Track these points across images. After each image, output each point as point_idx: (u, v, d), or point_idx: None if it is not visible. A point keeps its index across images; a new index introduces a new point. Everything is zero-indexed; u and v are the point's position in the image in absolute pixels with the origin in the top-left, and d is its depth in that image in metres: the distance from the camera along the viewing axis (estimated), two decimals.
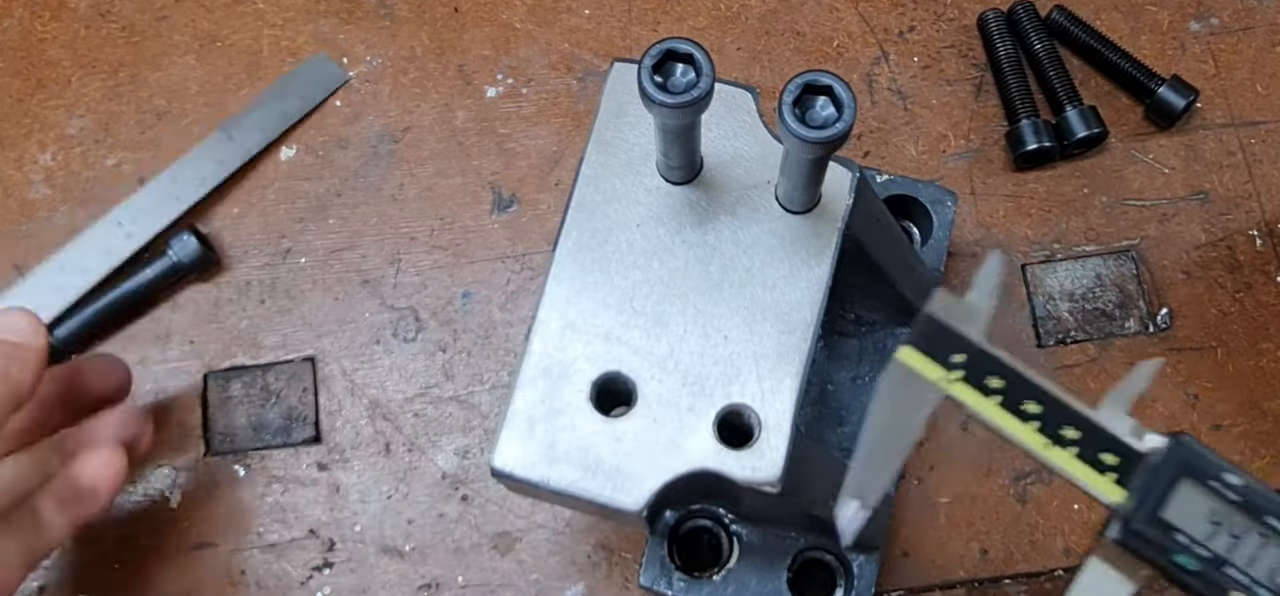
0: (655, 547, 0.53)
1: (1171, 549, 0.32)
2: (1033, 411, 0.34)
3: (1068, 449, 0.34)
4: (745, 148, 0.43)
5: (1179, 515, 0.32)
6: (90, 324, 0.62)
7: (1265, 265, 0.64)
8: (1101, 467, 0.34)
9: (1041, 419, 0.34)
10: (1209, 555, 0.32)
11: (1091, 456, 0.34)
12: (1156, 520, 0.32)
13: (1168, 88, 0.65)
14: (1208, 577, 0.32)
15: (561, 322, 0.41)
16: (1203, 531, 0.32)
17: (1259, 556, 0.32)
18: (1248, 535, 0.32)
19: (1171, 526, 0.32)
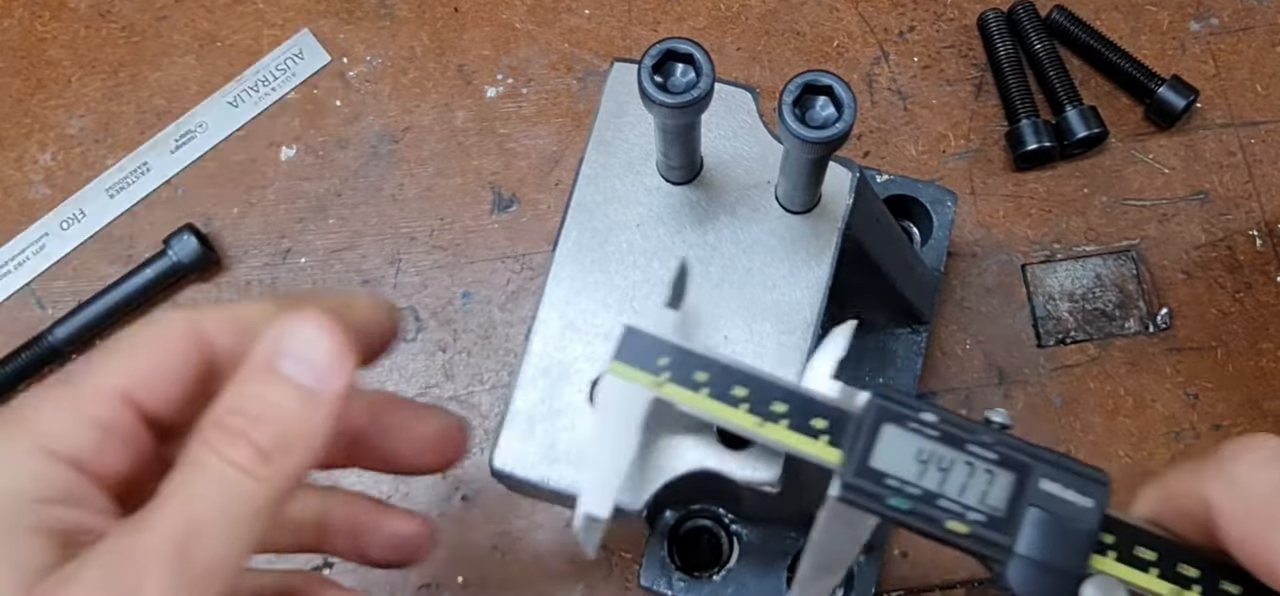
0: (655, 547, 0.53)
1: (884, 493, 0.34)
2: (741, 394, 0.35)
3: (780, 423, 0.35)
4: (745, 148, 0.43)
5: (887, 460, 0.34)
6: (91, 323, 0.62)
7: (1265, 265, 0.64)
8: (814, 433, 0.35)
9: (750, 400, 0.35)
10: (919, 492, 0.34)
11: (803, 424, 0.35)
12: (867, 470, 0.34)
13: (1168, 88, 0.65)
14: (921, 513, 0.33)
15: (561, 322, 0.41)
16: (912, 471, 0.34)
17: (968, 483, 0.34)
18: (954, 466, 0.34)
19: (882, 473, 0.34)
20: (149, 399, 0.32)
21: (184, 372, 0.32)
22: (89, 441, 0.30)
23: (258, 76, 0.69)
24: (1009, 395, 0.62)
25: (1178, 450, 0.61)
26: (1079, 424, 0.61)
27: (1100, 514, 0.33)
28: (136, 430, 0.32)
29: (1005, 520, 0.33)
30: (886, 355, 0.60)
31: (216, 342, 0.33)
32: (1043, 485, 0.34)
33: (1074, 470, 0.34)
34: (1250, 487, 0.30)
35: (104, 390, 0.31)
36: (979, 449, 0.34)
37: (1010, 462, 0.34)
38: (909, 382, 0.59)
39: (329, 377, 0.32)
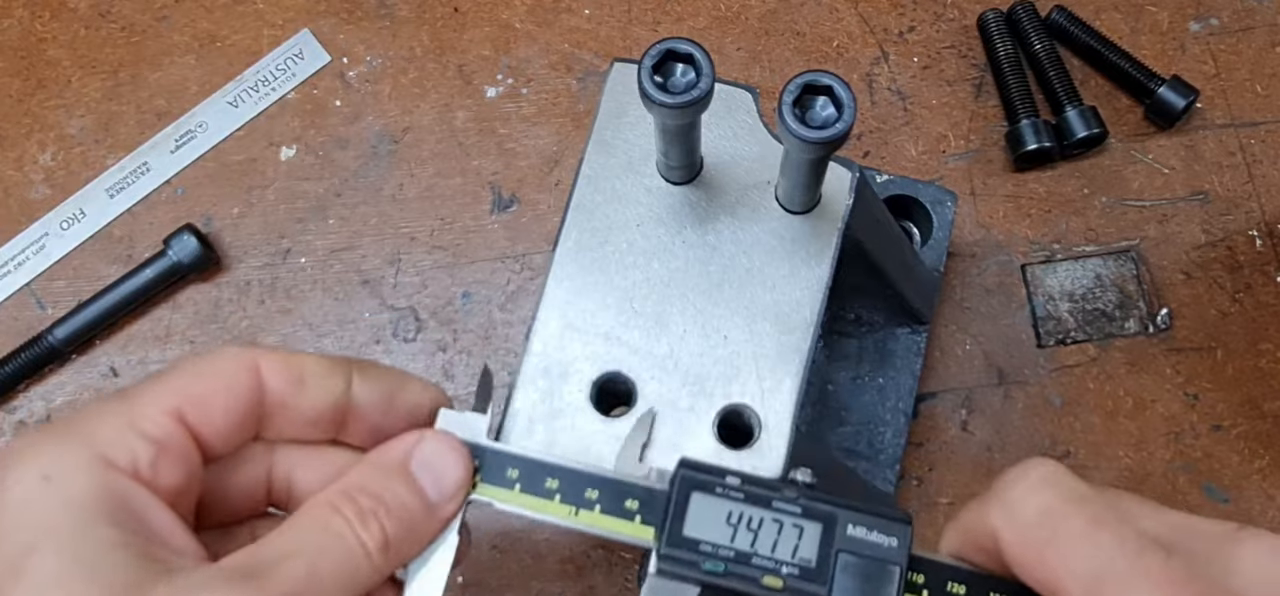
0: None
1: (699, 560, 0.34)
2: (552, 486, 0.36)
3: (593, 509, 0.36)
4: (745, 148, 0.43)
5: (699, 527, 0.35)
6: (91, 323, 0.62)
7: (1265, 265, 0.64)
8: (628, 514, 0.36)
9: (562, 491, 0.36)
10: (733, 553, 0.35)
11: (616, 507, 0.36)
12: (682, 539, 0.35)
13: (1168, 88, 0.65)
14: (736, 573, 0.34)
15: (561, 322, 0.41)
16: (724, 534, 0.35)
17: (778, 539, 0.35)
18: (764, 524, 0.35)
19: (694, 540, 0.35)
20: (200, 422, 0.33)
21: (235, 405, 0.33)
22: (144, 455, 0.31)
23: (258, 76, 0.69)
24: (1009, 395, 0.62)
25: (1178, 450, 0.61)
26: (1079, 424, 0.61)
27: (906, 550, 0.34)
28: (189, 449, 0.33)
29: (816, 571, 0.34)
30: (886, 355, 0.60)
31: (269, 383, 0.34)
32: (849, 531, 0.35)
33: (876, 514, 0.35)
34: (1023, 512, 0.32)
35: (158, 407, 0.32)
36: (784, 504, 0.35)
37: (814, 514, 0.35)
38: (909, 382, 0.59)
39: (450, 498, 0.35)
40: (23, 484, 0.30)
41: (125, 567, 0.29)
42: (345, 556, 0.32)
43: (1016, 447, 0.61)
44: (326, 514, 0.33)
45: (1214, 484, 0.60)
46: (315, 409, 0.35)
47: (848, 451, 0.58)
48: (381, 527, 0.33)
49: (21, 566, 0.28)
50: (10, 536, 0.29)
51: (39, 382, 0.63)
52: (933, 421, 0.61)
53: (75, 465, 0.30)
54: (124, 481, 0.31)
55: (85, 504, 0.30)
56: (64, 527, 0.29)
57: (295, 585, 0.31)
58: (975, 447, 0.61)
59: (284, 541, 0.32)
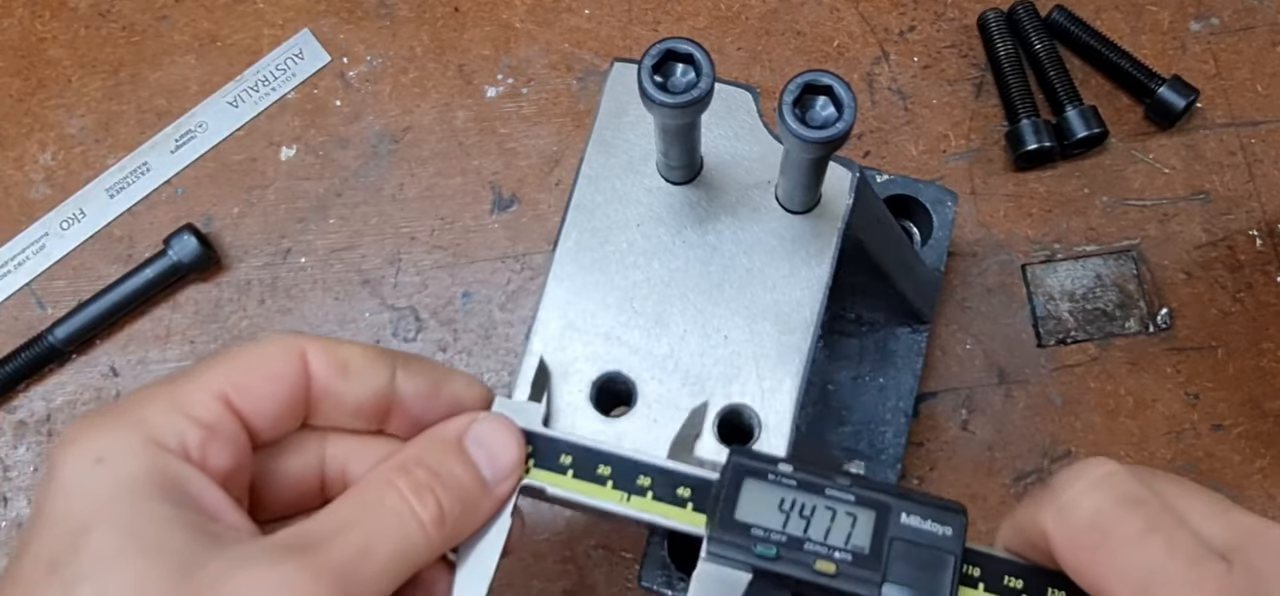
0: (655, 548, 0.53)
1: (750, 544, 0.34)
2: (605, 472, 0.36)
3: (645, 496, 0.36)
4: (745, 148, 0.43)
5: (751, 512, 0.35)
6: (91, 323, 0.62)
7: (1265, 265, 0.64)
8: (680, 501, 0.36)
9: (614, 478, 0.36)
10: (785, 538, 0.34)
11: (668, 494, 0.36)
12: (733, 523, 0.35)
13: (1168, 88, 0.65)
14: (789, 558, 0.34)
15: (561, 322, 0.41)
16: (776, 520, 0.35)
17: (831, 526, 0.34)
18: (816, 511, 0.35)
19: (746, 525, 0.35)
20: (246, 406, 0.33)
21: (281, 391, 0.34)
22: (193, 437, 0.31)
23: (258, 76, 0.69)
24: (1010, 395, 0.62)
25: (1178, 450, 0.61)
26: (1079, 424, 0.61)
27: (961, 540, 0.34)
28: (237, 432, 0.33)
29: (870, 556, 0.34)
30: (886, 355, 0.60)
31: (315, 371, 0.34)
32: (903, 519, 0.34)
33: (932, 503, 0.35)
34: (1075, 514, 0.31)
35: (206, 392, 0.32)
36: (837, 492, 0.35)
37: (869, 502, 0.35)
38: (909, 382, 0.59)
39: (505, 478, 0.36)
40: (76, 466, 0.30)
41: (179, 541, 0.29)
42: (400, 530, 0.32)
43: (1017, 447, 0.61)
44: (380, 488, 0.33)
45: (1214, 483, 0.60)
46: (359, 398, 0.35)
47: (848, 451, 0.58)
48: (437, 501, 0.33)
49: (78, 544, 0.29)
50: (66, 517, 0.30)
51: (39, 382, 0.63)
52: (933, 421, 0.61)
53: (127, 447, 0.30)
54: (175, 462, 0.31)
55: (138, 482, 0.30)
56: (118, 505, 0.29)
57: (348, 558, 0.30)
58: (976, 447, 0.61)
59: (337, 514, 0.32)
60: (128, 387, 0.63)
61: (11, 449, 0.62)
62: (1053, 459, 0.61)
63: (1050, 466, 0.60)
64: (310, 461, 0.36)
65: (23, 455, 0.62)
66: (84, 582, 0.28)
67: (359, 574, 0.31)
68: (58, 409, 0.63)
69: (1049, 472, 0.60)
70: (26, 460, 0.62)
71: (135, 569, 0.28)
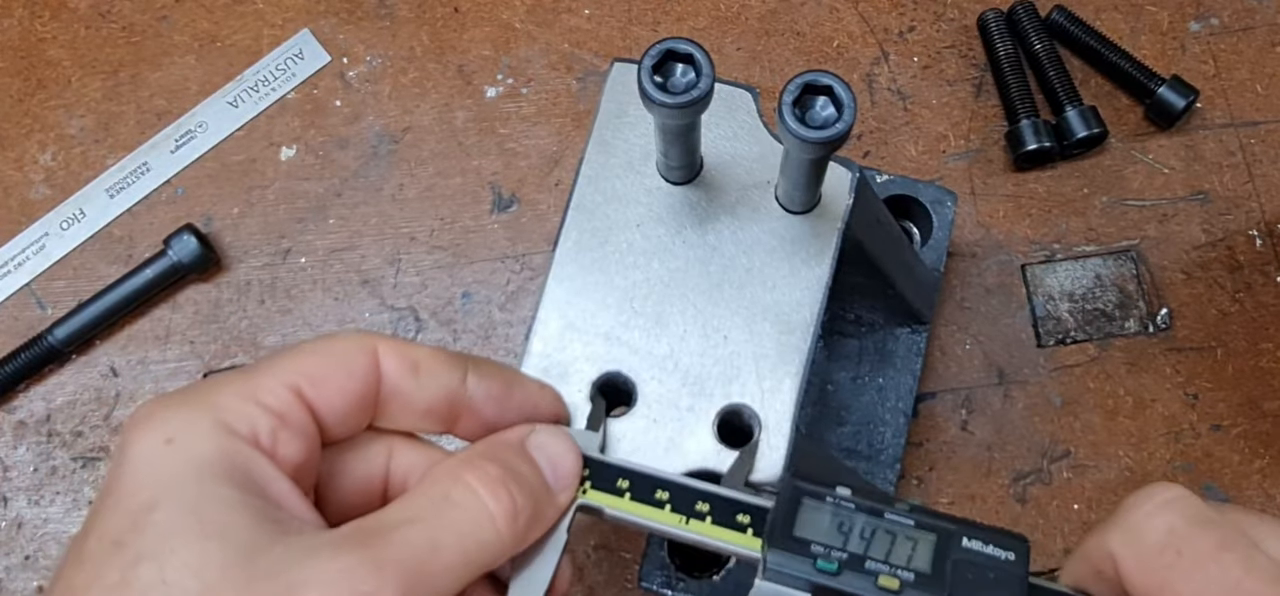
0: (655, 547, 0.53)
1: (811, 559, 0.34)
2: (662, 497, 0.36)
3: (704, 520, 0.36)
4: (745, 148, 0.43)
5: (809, 529, 0.34)
6: (91, 323, 0.62)
7: (1265, 265, 0.64)
8: (740, 527, 0.36)
9: (672, 501, 0.36)
10: (846, 555, 0.34)
11: (728, 520, 0.36)
12: (792, 539, 0.34)
13: (1168, 88, 0.65)
14: (851, 574, 0.34)
15: (561, 322, 0.41)
16: (835, 539, 0.34)
17: (892, 548, 0.34)
18: (876, 533, 0.34)
19: (806, 540, 0.34)
20: (318, 400, 0.33)
21: (352, 386, 0.33)
22: (264, 425, 0.31)
23: (258, 76, 0.69)
24: (1009, 395, 0.62)
25: (1178, 450, 0.61)
26: (1079, 424, 0.61)
27: (1025, 564, 0.33)
28: (307, 424, 0.33)
29: (933, 577, 0.33)
30: (886, 355, 0.60)
31: (386, 369, 0.34)
32: (965, 543, 0.34)
33: (992, 530, 0.34)
34: (1146, 535, 0.31)
35: (279, 381, 0.32)
36: (895, 516, 0.35)
37: (928, 526, 0.34)
38: (909, 382, 0.59)
39: (564, 487, 0.35)
40: (146, 445, 0.30)
41: (243, 526, 0.29)
42: (471, 526, 0.31)
43: (1016, 447, 0.61)
44: (449, 483, 0.32)
45: (1214, 484, 0.60)
46: (429, 398, 0.35)
47: (848, 451, 0.58)
48: (511, 497, 0.32)
49: (143, 521, 0.29)
50: (133, 494, 0.30)
51: (39, 382, 0.63)
52: (933, 421, 0.61)
53: (197, 430, 0.30)
54: (244, 448, 0.31)
55: (206, 465, 0.30)
56: (185, 486, 0.29)
57: (416, 552, 0.30)
58: (975, 447, 0.61)
59: (406, 508, 0.31)
60: (127, 388, 0.63)
61: (11, 449, 0.62)
62: (1052, 459, 0.61)
63: (1049, 466, 0.60)
64: (376, 468, 0.36)
65: (23, 455, 0.62)
66: (145, 561, 0.28)
67: (426, 569, 0.30)
68: (58, 409, 0.63)
69: (1048, 473, 0.60)
70: (26, 460, 0.62)
71: (197, 550, 0.28)
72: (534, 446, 0.35)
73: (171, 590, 0.27)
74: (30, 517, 0.61)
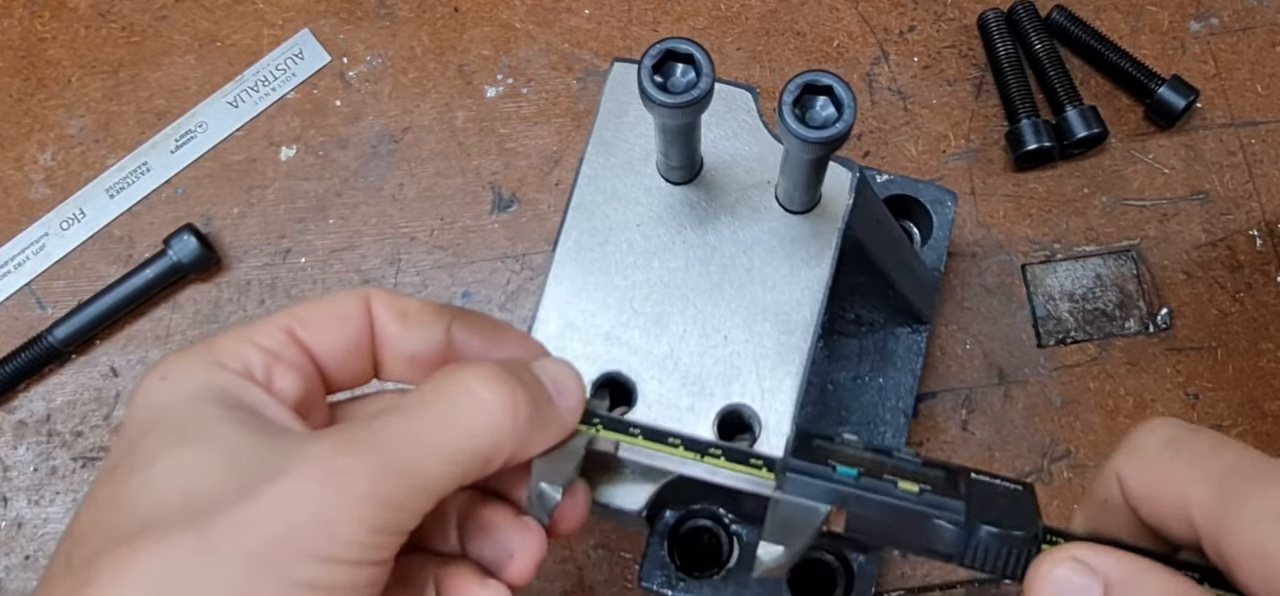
0: (655, 547, 0.53)
1: (831, 466, 0.34)
2: (674, 442, 0.37)
3: (718, 457, 0.36)
4: (745, 148, 0.43)
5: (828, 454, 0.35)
6: (91, 323, 0.62)
7: (1265, 265, 0.64)
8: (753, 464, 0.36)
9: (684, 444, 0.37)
10: (866, 462, 0.34)
11: (739, 460, 0.36)
12: (812, 449, 0.35)
13: (1168, 88, 0.65)
14: (870, 478, 0.33)
15: (561, 322, 0.41)
16: (850, 461, 0.35)
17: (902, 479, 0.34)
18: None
19: (825, 451, 0.35)
20: (311, 340, 0.34)
21: (346, 331, 0.35)
22: (258, 361, 0.33)
23: (258, 76, 0.69)
24: (1009, 395, 0.62)
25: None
26: (1079, 424, 0.61)
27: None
28: (303, 360, 0.34)
29: (950, 486, 0.34)
30: (886, 355, 0.60)
31: (378, 317, 0.35)
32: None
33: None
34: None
35: (272, 325, 0.34)
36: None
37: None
38: (909, 382, 0.59)
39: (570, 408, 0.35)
40: (145, 384, 0.32)
41: (227, 433, 0.30)
42: (461, 413, 0.31)
43: (1016, 447, 0.61)
44: (441, 380, 0.32)
45: None
46: (415, 347, 0.35)
47: None
48: (510, 390, 0.32)
49: (136, 443, 0.30)
50: (129, 427, 0.31)
51: (39, 382, 0.63)
52: (933, 421, 0.61)
53: (191, 366, 0.32)
54: (235, 379, 0.32)
55: (196, 391, 0.31)
56: (175, 409, 0.31)
57: (396, 437, 0.30)
58: (975, 447, 0.61)
59: (400, 404, 0.32)
60: (127, 388, 0.63)
61: (11, 449, 0.62)
62: (1052, 459, 0.61)
63: (1049, 466, 0.60)
64: None
65: (23, 455, 0.62)
66: (136, 474, 0.29)
67: (410, 455, 0.30)
68: (58, 409, 0.63)
69: (1049, 473, 0.60)
70: (26, 460, 0.62)
71: (180, 457, 0.29)
72: (538, 367, 0.35)
73: (156, 491, 0.29)
74: (30, 517, 0.61)
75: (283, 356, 0.33)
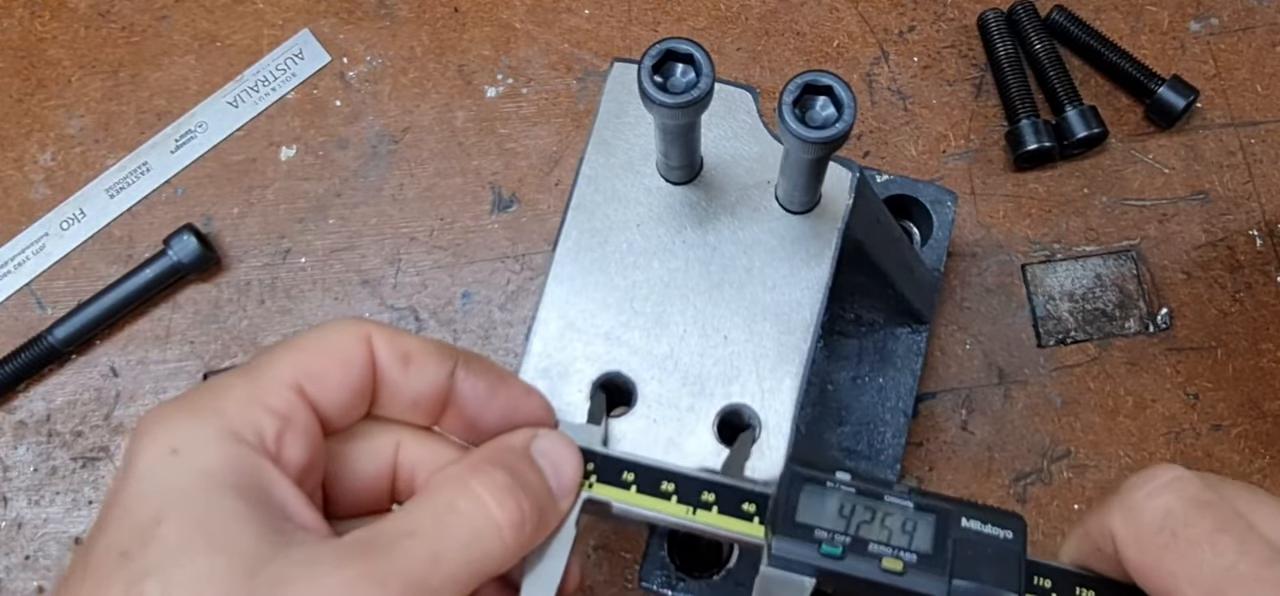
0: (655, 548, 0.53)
1: (816, 543, 0.34)
2: (668, 488, 0.36)
3: (711, 510, 0.36)
4: (745, 148, 0.43)
5: (812, 515, 0.35)
6: (91, 323, 0.62)
7: (1265, 265, 0.64)
8: (746, 515, 0.36)
9: (678, 492, 0.36)
10: (849, 538, 0.34)
11: (733, 508, 0.36)
12: (795, 525, 0.35)
13: (1168, 88, 0.65)
14: (855, 557, 0.34)
15: (561, 322, 0.41)
16: (838, 523, 0.35)
17: (891, 527, 0.35)
18: (876, 515, 0.35)
19: (809, 526, 0.35)
20: (319, 396, 0.33)
21: (351, 378, 0.34)
22: (270, 429, 0.31)
23: (258, 76, 0.69)
24: (1009, 395, 0.62)
25: (1178, 450, 0.61)
26: (1079, 424, 0.61)
27: (1023, 541, 0.34)
28: (310, 423, 0.33)
29: (935, 556, 0.34)
30: (886, 355, 0.60)
31: (381, 359, 0.34)
32: (964, 523, 0.34)
33: (990, 510, 0.35)
34: (1145, 515, 0.31)
35: (281, 382, 0.32)
36: (895, 498, 0.35)
37: (928, 508, 0.35)
38: (909, 382, 0.59)
39: (567, 493, 0.35)
40: (152, 456, 0.30)
41: (248, 538, 0.29)
42: (475, 536, 0.31)
43: (1016, 447, 0.61)
44: (454, 491, 0.32)
45: None
46: (417, 390, 0.35)
47: (848, 451, 0.58)
48: (518, 505, 0.32)
49: (149, 534, 0.29)
50: (140, 506, 0.30)
51: (39, 382, 0.63)
52: (933, 421, 0.61)
53: (204, 438, 0.30)
54: (251, 455, 0.31)
55: (211, 476, 0.30)
56: (191, 499, 0.29)
57: (419, 563, 0.30)
58: (975, 447, 0.61)
59: (409, 518, 0.31)
60: (127, 388, 0.63)
61: (11, 449, 0.62)
62: (1052, 459, 0.61)
63: (1049, 466, 0.60)
64: (383, 460, 0.36)
65: (23, 455, 0.62)
66: (151, 576, 0.28)
67: (429, 581, 0.30)
68: (58, 409, 0.63)
69: (1048, 473, 0.60)
70: (26, 460, 0.62)
71: (202, 564, 0.28)
72: (538, 452, 0.35)
73: None
74: (30, 517, 0.61)
75: (293, 421, 0.32)
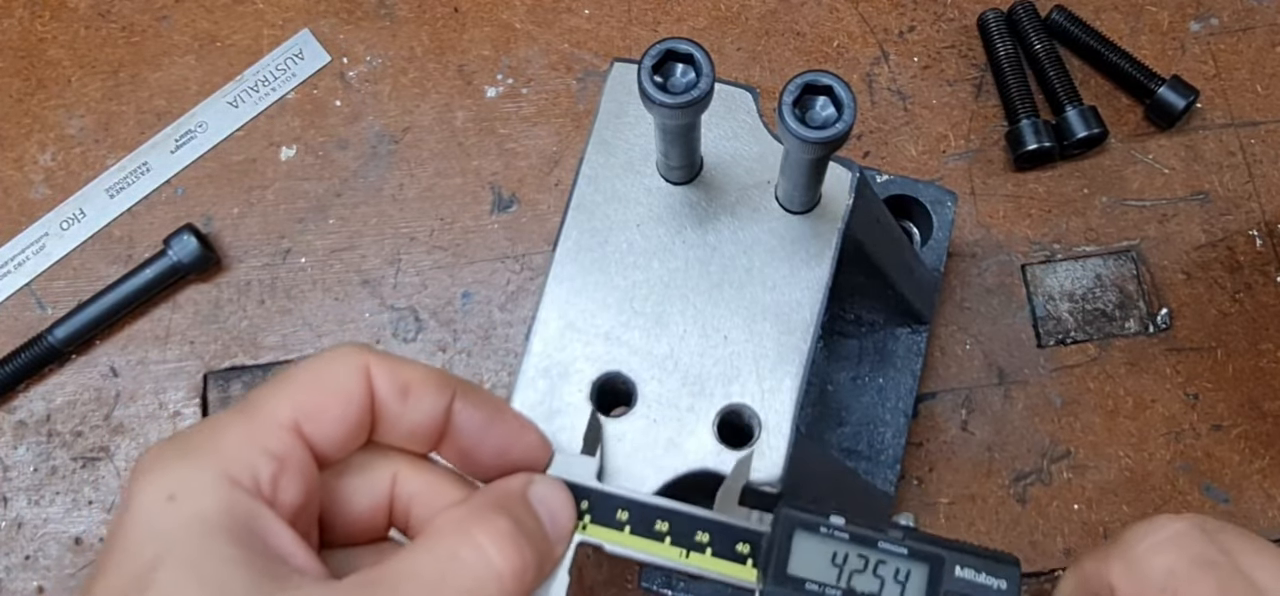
0: None
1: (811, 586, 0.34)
2: (662, 528, 0.36)
3: (704, 552, 0.36)
4: (745, 148, 0.43)
5: (804, 566, 0.35)
6: (91, 323, 0.62)
7: (1265, 265, 0.64)
8: (740, 558, 0.36)
9: (672, 533, 0.36)
10: (840, 592, 0.34)
11: (727, 550, 0.36)
12: (786, 578, 0.35)
13: (1168, 88, 0.65)
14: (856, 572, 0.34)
15: (561, 322, 0.41)
16: (829, 574, 0.35)
17: (883, 576, 0.34)
18: (871, 565, 0.35)
19: (800, 579, 0.35)
20: (315, 433, 0.33)
21: (349, 412, 0.33)
22: (266, 471, 0.31)
23: (258, 76, 0.69)
24: (1009, 395, 0.62)
25: (1178, 450, 0.61)
26: (1079, 424, 0.61)
27: (1016, 589, 0.34)
28: (307, 462, 0.32)
29: None
30: (886, 355, 0.60)
31: (379, 391, 0.34)
32: (957, 572, 0.34)
33: (984, 555, 0.35)
34: (1146, 572, 0.31)
35: (278, 421, 0.32)
36: (890, 545, 0.35)
37: (921, 555, 0.35)
38: (909, 383, 0.59)
39: (561, 539, 0.35)
40: (149, 500, 0.30)
41: (244, 584, 0.29)
42: (476, 585, 0.31)
43: (1016, 448, 0.61)
44: (455, 538, 0.32)
45: (1214, 483, 0.60)
46: (415, 422, 0.34)
47: (848, 451, 0.58)
48: (520, 554, 0.32)
49: (146, 581, 0.29)
50: (136, 552, 0.29)
51: (39, 382, 0.63)
52: (933, 421, 0.61)
53: (200, 484, 0.30)
54: (247, 499, 0.30)
55: (208, 521, 0.30)
56: (187, 545, 0.29)
57: None
58: (975, 447, 0.61)
59: (408, 563, 0.31)
60: (127, 388, 0.63)
61: (11, 449, 0.62)
62: (1052, 459, 0.61)
63: (1049, 467, 0.60)
64: (380, 490, 0.35)
65: (23, 455, 0.62)
66: None
67: None
68: (58, 409, 0.63)
69: (1048, 473, 0.60)
70: (26, 460, 0.62)
71: None
72: (536, 498, 0.35)
73: None
74: (30, 517, 0.61)
75: (289, 462, 0.32)
